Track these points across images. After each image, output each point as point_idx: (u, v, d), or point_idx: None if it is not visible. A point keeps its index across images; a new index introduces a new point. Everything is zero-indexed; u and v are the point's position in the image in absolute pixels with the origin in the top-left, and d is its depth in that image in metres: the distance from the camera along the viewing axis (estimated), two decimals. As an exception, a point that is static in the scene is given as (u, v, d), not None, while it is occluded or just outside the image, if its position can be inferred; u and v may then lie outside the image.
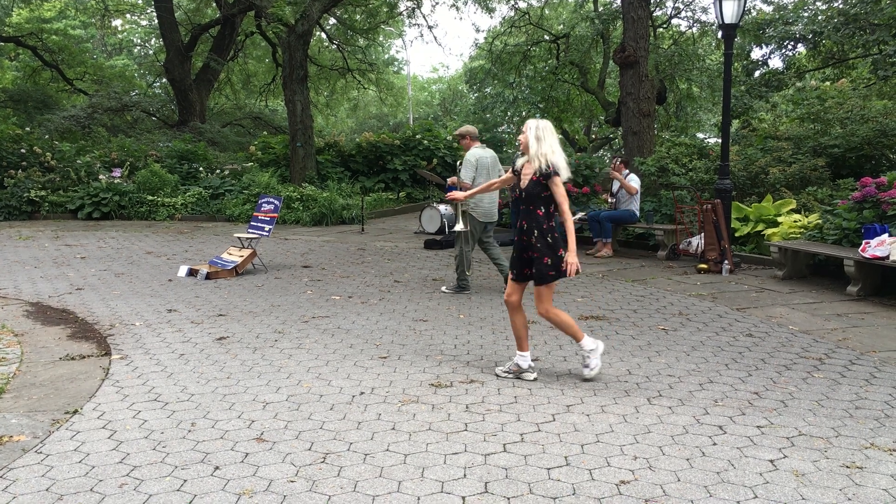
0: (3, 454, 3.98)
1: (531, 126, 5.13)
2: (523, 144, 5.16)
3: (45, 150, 17.74)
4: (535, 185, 5.09)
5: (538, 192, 5.09)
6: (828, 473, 3.73)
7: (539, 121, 5.19)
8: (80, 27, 34.15)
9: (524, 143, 5.14)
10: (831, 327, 6.75)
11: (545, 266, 5.04)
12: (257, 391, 5.03)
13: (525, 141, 5.13)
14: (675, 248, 10.76)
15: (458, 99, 46.08)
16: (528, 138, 5.10)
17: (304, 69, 19.07)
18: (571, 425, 4.39)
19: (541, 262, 5.05)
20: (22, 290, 8.66)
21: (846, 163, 11.76)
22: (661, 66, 19.62)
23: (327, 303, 7.93)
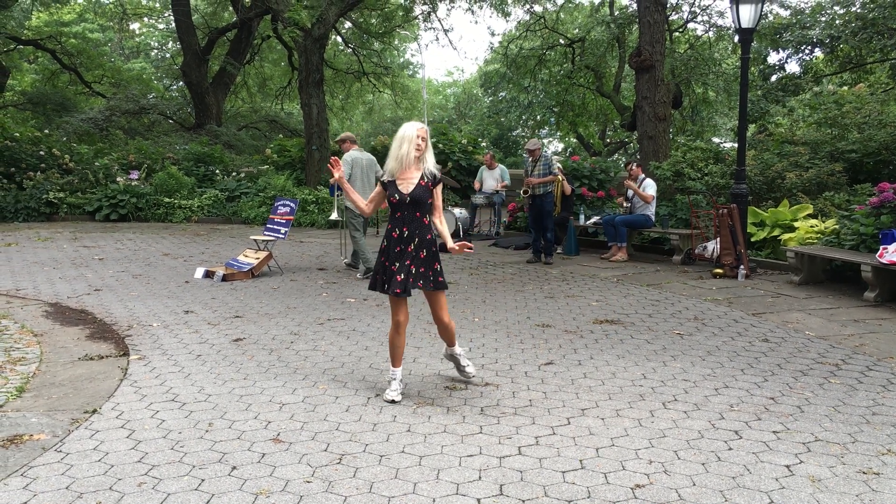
0: (24, 453, 4.03)
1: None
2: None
3: (63, 153, 17.92)
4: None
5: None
6: (844, 479, 3.71)
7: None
8: (99, 30, 34.46)
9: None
10: (848, 333, 6.71)
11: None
12: (273, 392, 5.07)
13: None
14: (690, 253, 10.73)
15: (472, 103, 46.15)
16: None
17: (320, 73, 19.17)
18: (586, 429, 4.39)
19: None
20: (41, 290, 8.75)
21: (863, 168, 11.69)
22: (677, 71, 19.60)
23: (342, 305, 7.97)
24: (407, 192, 4.84)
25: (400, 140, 4.86)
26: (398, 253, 4.87)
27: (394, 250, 4.88)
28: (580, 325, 7.07)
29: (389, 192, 4.88)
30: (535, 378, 5.40)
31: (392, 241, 4.90)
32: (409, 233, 4.86)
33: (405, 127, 4.92)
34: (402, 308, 4.91)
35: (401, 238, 4.87)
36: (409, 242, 4.85)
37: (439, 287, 4.91)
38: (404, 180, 4.88)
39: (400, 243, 4.87)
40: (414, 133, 4.85)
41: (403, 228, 4.86)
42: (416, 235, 4.86)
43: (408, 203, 4.84)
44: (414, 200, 4.84)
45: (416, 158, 4.87)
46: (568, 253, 11.81)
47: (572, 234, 11.87)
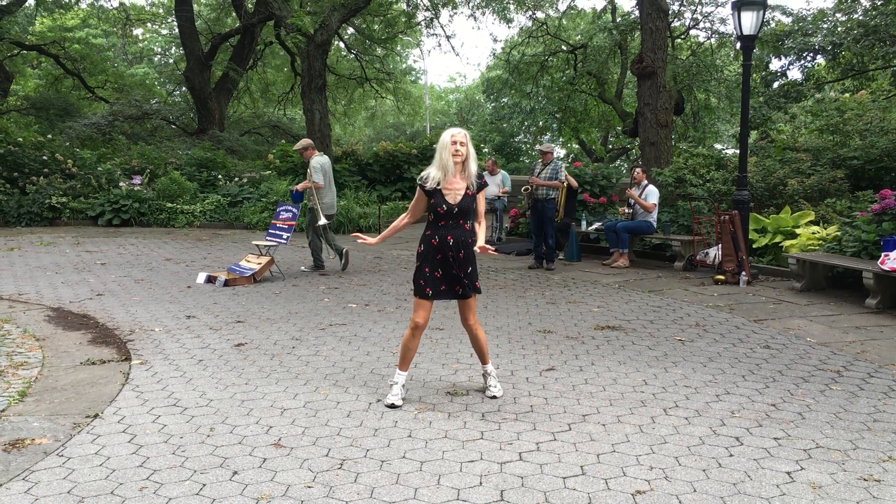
0: (26, 457, 4.04)
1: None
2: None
3: (66, 158, 17.94)
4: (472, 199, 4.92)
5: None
6: (845, 486, 3.71)
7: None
8: (102, 36, 34.56)
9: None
10: (849, 340, 6.71)
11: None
12: (275, 397, 5.07)
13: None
14: (692, 259, 10.74)
15: (474, 108, 46.21)
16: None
17: (323, 78, 19.21)
18: (587, 435, 4.40)
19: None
20: (43, 295, 8.77)
21: (865, 175, 11.70)
22: (679, 77, 19.62)
23: (344, 310, 7.98)
24: (455, 203, 4.81)
25: (440, 148, 4.83)
26: (440, 260, 4.86)
27: (436, 257, 4.87)
28: (581, 330, 7.08)
29: (436, 202, 4.82)
30: (536, 384, 5.40)
31: (433, 248, 4.87)
32: (454, 241, 4.84)
33: (443, 134, 4.89)
34: (425, 311, 4.92)
35: (444, 245, 4.83)
36: (459, 250, 4.85)
37: (476, 290, 4.99)
38: (451, 190, 4.82)
39: (443, 251, 4.84)
40: (448, 139, 4.80)
41: (448, 237, 4.83)
42: (462, 245, 4.86)
43: (455, 213, 4.82)
44: (461, 211, 4.83)
45: (460, 165, 4.82)
46: (570, 259, 11.82)
47: (574, 239, 11.87)
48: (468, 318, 5.01)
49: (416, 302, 4.93)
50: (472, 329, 5.04)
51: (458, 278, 4.88)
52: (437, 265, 4.87)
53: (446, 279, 4.89)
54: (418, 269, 4.94)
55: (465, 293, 4.92)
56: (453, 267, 4.86)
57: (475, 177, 4.88)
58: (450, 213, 4.82)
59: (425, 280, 4.88)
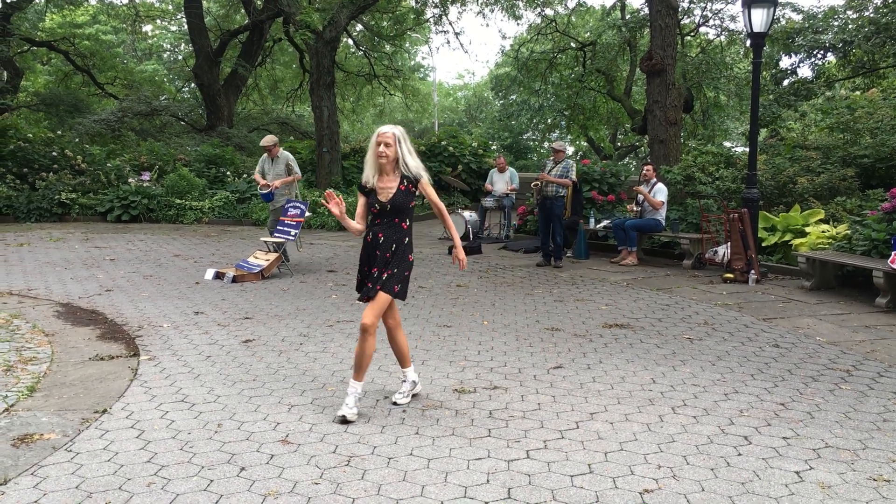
0: (34, 452, 4.05)
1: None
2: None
3: (75, 154, 18.01)
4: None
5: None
6: (854, 486, 3.69)
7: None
8: (112, 32, 34.66)
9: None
10: (859, 339, 6.67)
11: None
12: (282, 394, 5.08)
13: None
14: (700, 258, 10.70)
15: (483, 106, 46.18)
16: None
17: (331, 75, 19.20)
18: (595, 433, 4.39)
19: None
20: (53, 290, 8.80)
21: (876, 173, 11.63)
22: (689, 75, 19.56)
23: (352, 307, 7.98)
24: (386, 201, 4.65)
25: (369, 147, 4.70)
26: (376, 258, 4.69)
27: (372, 255, 4.73)
28: (589, 328, 7.06)
29: (370, 201, 4.71)
30: (543, 382, 5.39)
31: (367, 245, 4.76)
32: (384, 239, 4.68)
33: (375, 133, 4.72)
34: (389, 311, 4.81)
35: (376, 243, 4.69)
36: (387, 249, 4.67)
37: (388, 291, 4.65)
38: (383, 188, 4.68)
39: (376, 248, 4.69)
40: (374, 140, 4.65)
41: (379, 235, 4.68)
42: (394, 241, 4.69)
43: (388, 211, 4.66)
44: (394, 208, 4.66)
45: (390, 164, 4.65)
46: (578, 256, 11.79)
47: (582, 237, 11.85)
48: (386, 319, 4.82)
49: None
50: (360, 329, 4.63)
51: (371, 277, 4.68)
52: (373, 263, 4.72)
53: (367, 278, 4.74)
54: (360, 270, 4.85)
55: (369, 294, 4.64)
56: (375, 264, 4.68)
57: (413, 170, 4.67)
58: (383, 212, 4.66)
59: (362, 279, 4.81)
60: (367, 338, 4.59)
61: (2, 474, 3.76)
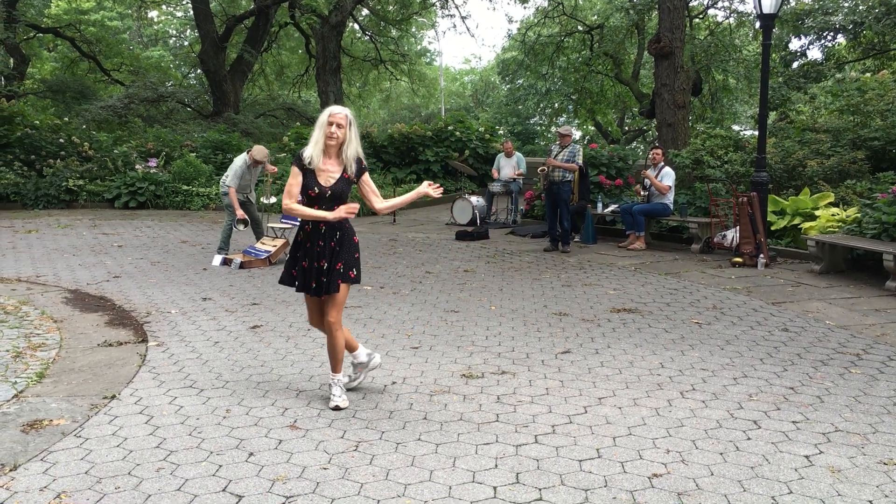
0: (44, 437, 4.07)
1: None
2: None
3: (83, 140, 18.02)
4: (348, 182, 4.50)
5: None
6: (864, 470, 3.68)
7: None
8: (117, 18, 34.60)
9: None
10: (869, 323, 6.64)
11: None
12: (290, 379, 5.08)
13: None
14: (709, 242, 10.65)
15: (490, 90, 46.01)
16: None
17: (338, 60, 19.17)
18: (603, 418, 4.38)
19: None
20: (61, 277, 8.83)
21: (886, 156, 11.55)
22: (697, 57, 19.42)
23: (359, 293, 7.98)
24: (328, 186, 4.39)
25: (317, 126, 4.40)
26: (318, 251, 4.45)
27: (305, 246, 4.50)
28: (597, 313, 7.04)
29: (308, 183, 4.40)
30: (551, 366, 5.38)
31: (306, 235, 4.49)
32: (327, 227, 4.44)
33: (323, 112, 4.43)
34: (308, 308, 4.67)
35: (317, 234, 4.45)
36: (331, 238, 4.46)
37: (346, 280, 4.50)
38: (324, 171, 4.41)
39: (319, 239, 4.45)
40: (325, 118, 4.36)
41: (321, 224, 4.43)
42: (337, 229, 4.47)
43: (327, 197, 4.40)
44: (334, 195, 4.40)
45: (336, 149, 4.42)
46: (585, 241, 11.76)
47: (590, 222, 11.81)
48: (327, 314, 4.49)
49: (306, 298, 4.61)
50: (329, 327, 4.50)
51: (321, 271, 4.45)
52: (312, 256, 4.46)
53: (311, 272, 4.47)
54: (290, 258, 4.60)
55: (322, 290, 4.46)
56: (322, 258, 4.45)
57: (354, 161, 4.46)
58: (322, 197, 4.40)
59: (295, 270, 4.54)
60: (335, 333, 4.52)
61: (12, 460, 3.78)
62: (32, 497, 3.41)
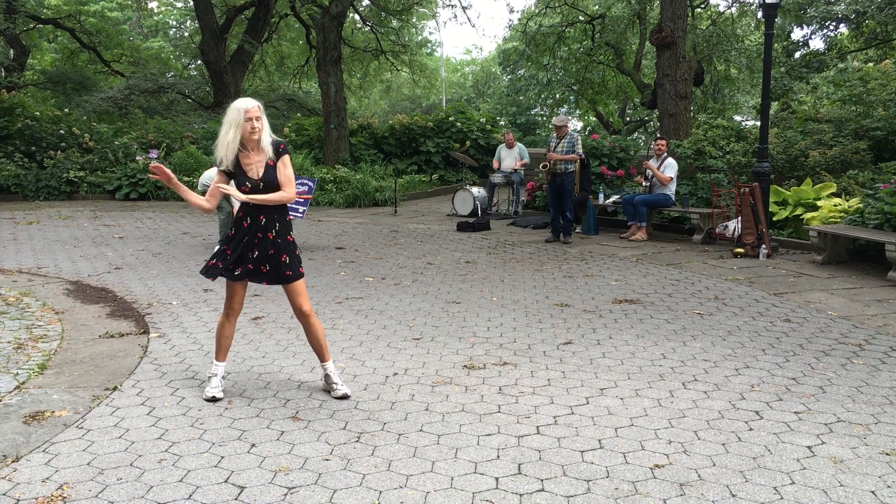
0: (46, 429, 4.07)
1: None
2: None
3: (83, 132, 18.00)
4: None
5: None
6: (867, 460, 3.67)
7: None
8: (117, 9, 34.43)
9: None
10: (871, 313, 6.63)
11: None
12: (292, 370, 5.08)
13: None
14: (711, 232, 10.63)
15: (491, 81, 45.89)
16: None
17: (338, 51, 19.08)
18: (605, 409, 4.37)
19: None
20: (62, 268, 8.82)
21: (889, 146, 11.52)
22: (699, 47, 19.35)
23: (360, 284, 7.97)
24: (259, 178, 4.39)
25: (227, 125, 4.33)
26: (257, 243, 4.44)
27: (247, 240, 4.45)
28: (599, 304, 7.04)
29: (239, 181, 4.39)
30: (553, 357, 5.38)
31: (243, 229, 4.45)
32: (266, 220, 4.43)
33: (231, 110, 4.36)
34: (240, 296, 4.59)
35: (257, 226, 4.43)
36: (270, 229, 4.44)
37: (296, 278, 4.54)
38: (251, 164, 4.40)
39: (257, 231, 4.43)
40: (242, 117, 4.30)
41: (260, 217, 4.42)
42: (276, 221, 4.47)
43: (261, 189, 4.39)
44: (267, 185, 4.40)
45: (257, 141, 4.38)
46: (587, 232, 11.74)
47: (591, 213, 11.79)
48: (301, 306, 4.54)
49: (229, 287, 4.56)
50: (306, 318, 4.57)
51: (281, 263, 4.48)
52: (250, 248, 4.45)
53: (258, 260, 4.46)
54: (219, 252, 4.55)
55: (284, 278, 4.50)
56: (276, 249, 4.46)
57: (270, 145, 4.43)
58: (255, 190, 4.39)
59: (233, 262, 4.46)
60: (315, 320, 4.59)
61: (14, 451, 3.78)
62: (34, 488, 3.41)
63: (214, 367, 4.62)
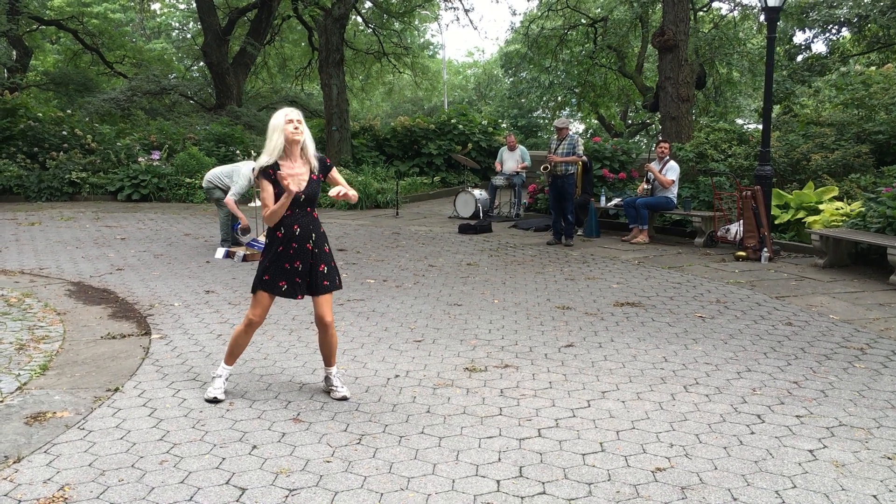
0: (47, 430, 4.07)
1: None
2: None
3: (85, 133, 18.00)
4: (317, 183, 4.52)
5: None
6: (868, 464, 3.67)
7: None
8: (120, 11, 34.47)
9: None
10: (873, 317, 6.62)
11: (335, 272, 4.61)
12: (294, 372, 5.08)
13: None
14: (712, 235, 10.63)
15: (493, 83, 45.85)
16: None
17: (340, 53, 19.11)
18: (607, 411, 4.37)
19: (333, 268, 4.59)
20: (64, 269, 8.83)
21: (891, 149, 11.51)
22: (701, 50, 19.35)
23: (362, 286, 7.97)
24: (300, 190, 4.36)
25: (271, 131, 4.37)
26: (292, 254, 4.41)
27: (283, 251, 4.41)
28: (601, 307, 7.03)
29: (280, 192, 4.31)
30: (555, 360, 5.37)
31: (277, 240, 4.42)
32: (301, 231, 4.41)
33: (275, 116, 4.42)
34: (263, 308, 4.49)
35: (292, 236, 4.39)
36: (307, 240, 4.43)
37: (332, 289, 4.56)
38: (293, 176, 4.35)
39: (293, 241, 4.40)
40: (283, 120, 4.34)
41: (294, 227, 4.39)
42: (313, 231, 4.46)
43: (301, 201, 4.39)
44: (308, 198, 4.42)
45: (299, 148, 4.41)
46: (588, 235, 11.74)
47: (593, 215, 11.79)
48: (325, 315, 4.52)
49: (256, 297, 4.48)
50: (326, 328, 4.55)
51: (320, 273, 4.48)
52: (287, 258, 4.41)
53: (295, 273, 4.43)
54: (260, 263, 4.52)
55: (321, 288, 4.49)
56: (314, 260, 4.46)
57: (317, 159, 4.48)
58: (296, 202, 4.36)
59: (271, 274, 4.43)
60: (331, 330, 4.58)
61: (15, 452, 3.78)
62: (36, 489, 3.41)
63: (221, 369, 4.62)
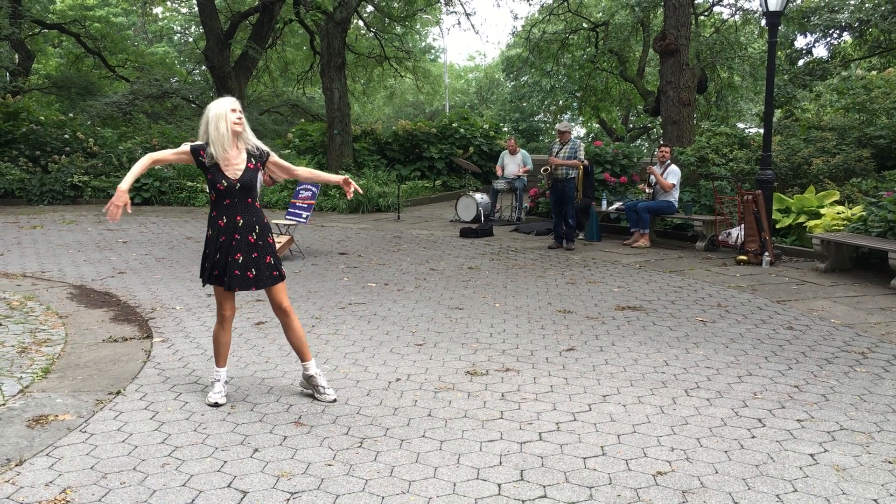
0: (49, 433, 4.08)
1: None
2: None
3: (87, 136, 18.05)
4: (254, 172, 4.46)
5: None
6: (869, 468, 3.67)
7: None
8: (122, 15, 34.57)
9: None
10: (874, 321, 6.62)
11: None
12: (295, 376, 5.09)
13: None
14: (714, 239, 10.63)
15: (494, 87, 45.94)
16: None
17: (342, 57, 19.14)
18: (608, 415, 4.37)
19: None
20: (66, 273, 8.84)
21: (892, 154, 11.51)
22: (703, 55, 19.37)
23: (364, 290, 7.98)
24: (236, 179, 4.35)
25: (215, 120, 4.31)
26: (234, 245, 4.38)
27: (224, 242, 4.40)
28: (602, 311, 7.04)
29: (215, 179, 4.33)
30: (556, 364, 5.38)
31: (220, 230, 4.40)
32: (244, 222, 4.39)
33: (215, 105, 4.39)
34: (230, 302, 4.53)
35: (234, 227, 4.38)
36: (250, 231, 4.41)
37: (282, 279, 4.56)
38: (229, 165, 4.34)
39: (235, 232, 4.38)
40: (227, 109, 4.33)
41: (237, 217, 4.38)
42: (255, 223, 4.44)
43: (237, 189, 4.36)
44: (244, 187, 4.37)
45: (236, 138, 4.37)
46: (590, 239, 11.75)
47: (594, 219, 11.79)
48: (282, 302, 4.53)
49: (215, 293, 4.52)
50: (286, 315, 4.57)
51: (264, 265, 4.46)
52: (230, 250, 4.39)
53: (246, 264, 4.41)
54: (206, 256, 4.49)
55: (270, 279, 4.49)
56: (258, 252, 4.44)
57: (255, 149, 4.45)
58: (231, 190, 4.34)
59: (214, 266, 4.42)
60: (293, 319, 4.59)
61: (17, 455, 3.79)
62: (38, 492, 3.42)
63: (216, 373, 4.63)
